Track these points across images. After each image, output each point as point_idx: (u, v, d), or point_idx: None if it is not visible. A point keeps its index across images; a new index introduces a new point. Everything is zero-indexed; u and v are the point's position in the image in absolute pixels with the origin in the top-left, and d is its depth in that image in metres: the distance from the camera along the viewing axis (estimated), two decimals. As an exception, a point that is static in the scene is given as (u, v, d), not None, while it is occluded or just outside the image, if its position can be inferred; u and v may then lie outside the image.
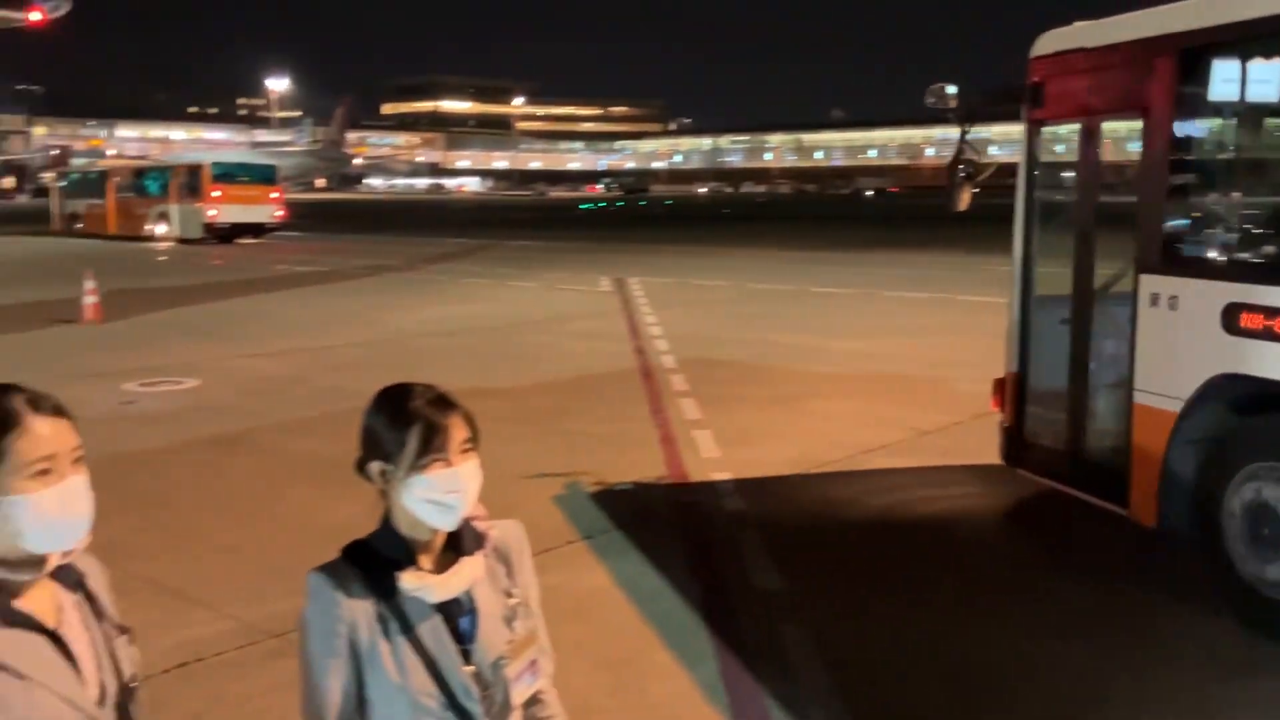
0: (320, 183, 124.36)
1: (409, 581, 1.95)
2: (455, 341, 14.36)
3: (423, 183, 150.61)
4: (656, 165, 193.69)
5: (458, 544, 2.02)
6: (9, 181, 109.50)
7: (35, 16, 20.04)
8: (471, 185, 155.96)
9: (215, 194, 34.94)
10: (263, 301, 19.10)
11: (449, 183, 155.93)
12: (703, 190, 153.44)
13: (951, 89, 7.11)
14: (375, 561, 1.97)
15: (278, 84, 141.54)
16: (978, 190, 7.34)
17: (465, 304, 18.67)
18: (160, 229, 36.24)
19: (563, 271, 24.93)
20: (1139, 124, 5.63)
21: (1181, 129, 5.66)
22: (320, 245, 35.59)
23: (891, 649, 4.86)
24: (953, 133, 7.53)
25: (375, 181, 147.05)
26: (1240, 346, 4.99)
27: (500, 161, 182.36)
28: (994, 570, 5.89)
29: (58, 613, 1.76)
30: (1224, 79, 5.46)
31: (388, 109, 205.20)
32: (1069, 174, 6.58)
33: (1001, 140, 9.60)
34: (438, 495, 1.94)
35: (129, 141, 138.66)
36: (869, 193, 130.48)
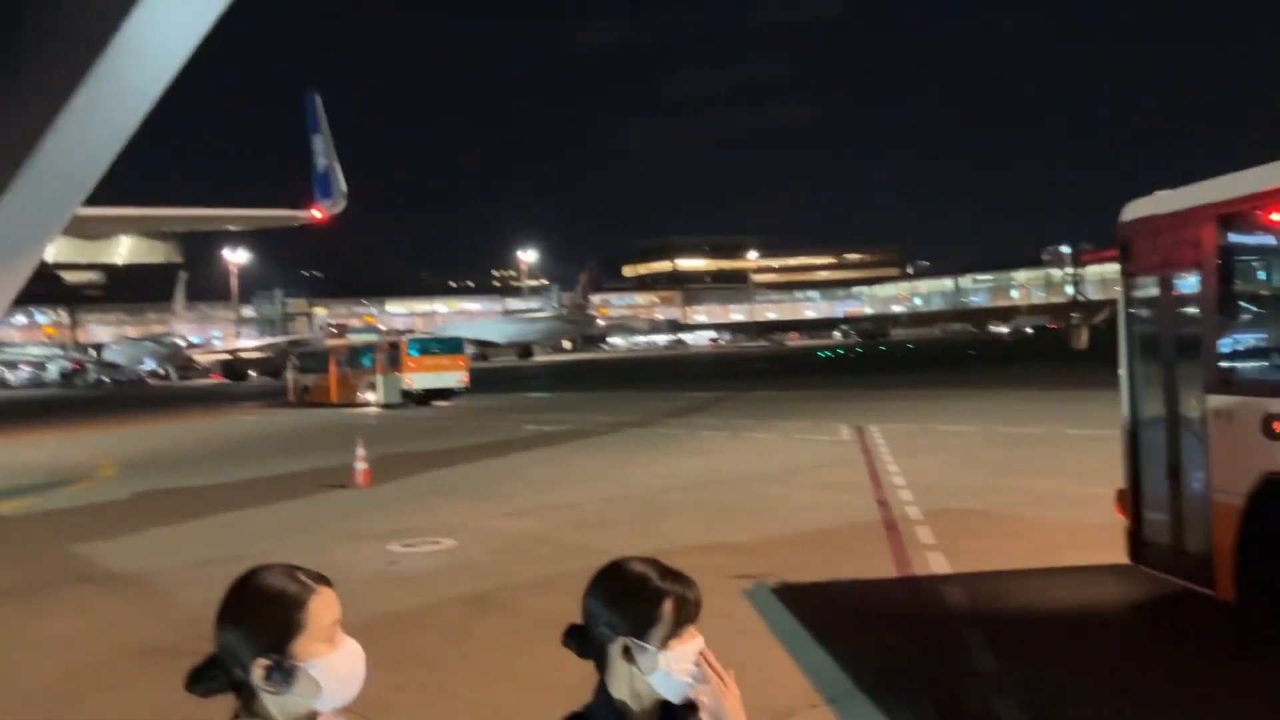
0: (567, 344, 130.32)
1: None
2: (694, 495, 14.49)
3: (664, 339, 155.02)
4: (895, 309, 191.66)
5: (670, 714, 2.06)
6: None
7: (317, 215, 22.57)
8: (702, 339, 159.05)
9: (411, 365, 40.34)
10: (514, 462, 19.98)
11: (688, 338, 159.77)
12: (940, 332, 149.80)
13: (1065, 249, 8.23)
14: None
15: (527, 255, 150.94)
16: (1093, 329, 8.08)
17: (703, 457, 18.87)
18: (370, 396, 41.14)
19: (801, 421, 24.82)
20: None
21: (1224, 279, 6.99)
22: (567, 403, 37.11)
23: None
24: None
25: (618, 340, 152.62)
26: (1276, 448, 6.26)
27: (737, 314, 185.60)
28: None
29: None
30: (1251, 236, 6.91)
31: (628, 270, 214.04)
32: (1162, 314, 7.79)
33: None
34: (685, 666, 2.01)
35: (397, 316, 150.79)
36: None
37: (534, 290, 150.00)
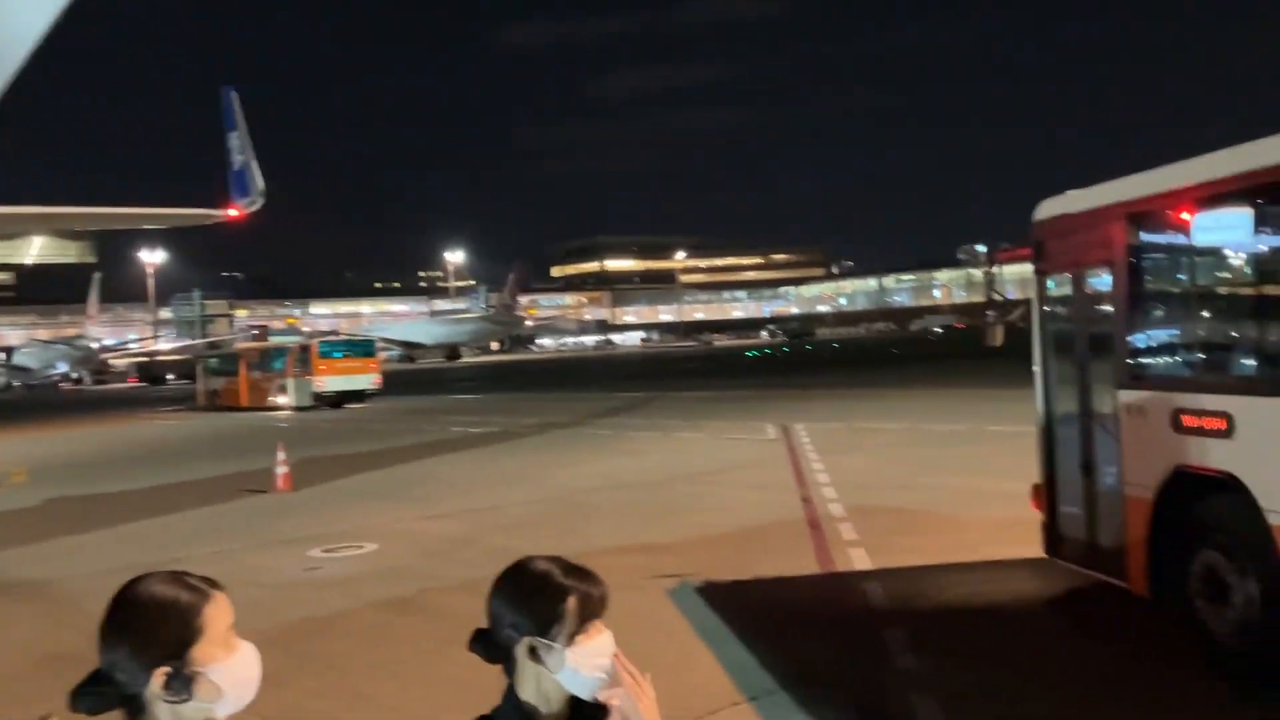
0: (495, 345, 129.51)
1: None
2: (620, 496, 14.47)
3: (593, 340, 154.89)
4: (821, 309, 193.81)
5: (581, 714, 2.04)
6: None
7: (233, 213, 22.18)
8: (632, 339, 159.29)
9: (322, 368, 40.32)
10: (439, 464, 19.79)
11: (617, 338, 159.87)
12: (865, 331, 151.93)
13: (981, 248, 8.37)
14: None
15: (454, 256, 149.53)
16: (1009, 326, 8.25)
17: (631, 457, 18.88)
18: (281, 399, 40.97)
19: (728, 420, 24.97)
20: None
21: (1134, 276, 7.10)
22: (494, 404, 36.87)
23: None
24: None
25: (546, 341, 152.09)
26: (1185, 443, 6.39)
27: (665, 315, 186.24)
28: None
29: None
30: (1159, 234, 7.06)
31: (556, 271, 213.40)
32: (1075, 311, 7.94)
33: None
34: (594, 662, 1.99)
35: (321, 318, 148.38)
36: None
37: (461, 291, 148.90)
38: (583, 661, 1.98)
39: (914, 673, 6.48)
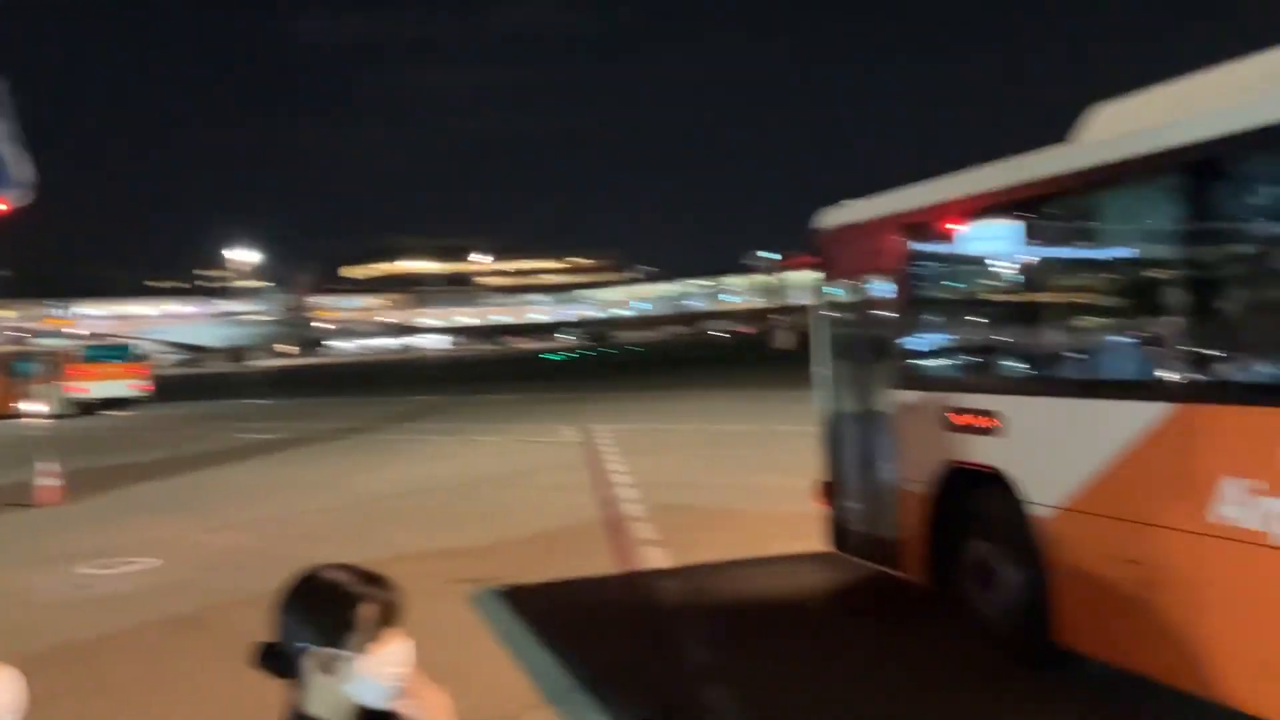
0: (287, 348, 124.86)
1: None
2: (419, 501, 14.23)
3: (395, 342, 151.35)
4: (619, 313, 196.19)
5: None
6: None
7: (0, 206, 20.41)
8: (438, 343, 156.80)
9: (79, 373, 38.35)
10: (224, 472, 18.88)
11: (419, 340, 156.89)
12: (661, 335, 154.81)
13: (767, 254, 8.80)
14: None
15: (242, 255, 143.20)
16: (791, 330, 8.73)
17: (431, 463, 18.57)
18: (34, 407, 37.68)
19: (529, 424, 24.93)
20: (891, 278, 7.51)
21: (908, 283, 7.42)
22: (285, 409, 35.50)
23: None
24: None
25: (343, 344, 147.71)
26: (955, 440, 6.75)
27: (464, 317, 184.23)
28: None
29: None
30: (932, 244, 7.28)
31: (353, 272, 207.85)
32: (853, 316, 8.32)
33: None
34: (385, 671, 1.94)
35: (93, 319, 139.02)
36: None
37: (249, 292, 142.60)
38: (374, 671, 1.94)
39: (709, 665, 6.64)
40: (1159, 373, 5.42)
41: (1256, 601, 4.75)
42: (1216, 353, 5.05)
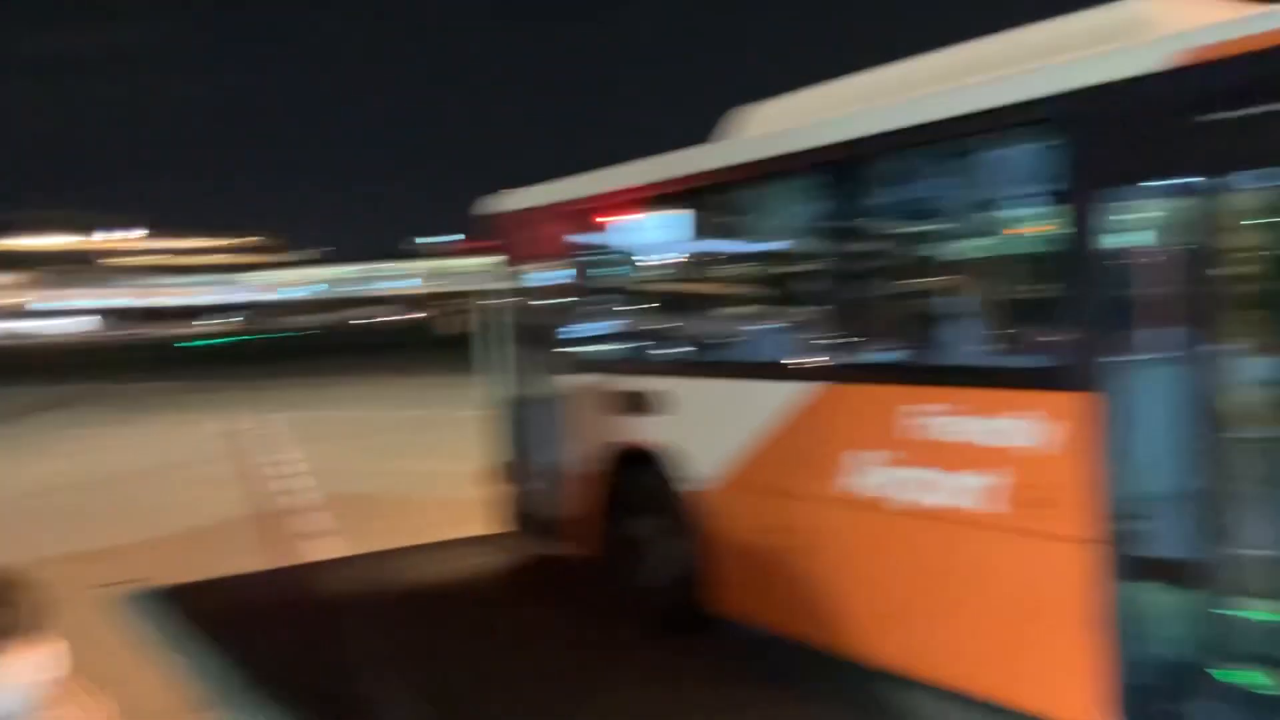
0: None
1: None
2: (49, 502, 13.08)
3: (27, 325, 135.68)
4: (282, 296, 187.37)
5: None
6: None
7: None
8: (74, 326, 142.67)
9: None
10: None
11: (48, 325, 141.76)
12: (324, 319, 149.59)
13: (435, 239, 8.90)
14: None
15: None
16: (459, 315, 8.99)
17: (67, 459, 17.05)
18: None
19: (181, 414, 23.45)
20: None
21: (573, 270, 7.80)
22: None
23: None
24: None
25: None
26: (618, 421, 7.10)
27: (99, 299, 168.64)
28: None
29: None
30: (598, 234, 7.60)
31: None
32: (526, 302, 8.47)
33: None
34: (23, 680, 1.84)
35: None
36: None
37: None
38: (12, 679, 1.85)
39: (381, 653, 6.61)
40: (794, 356, 5.99)
41: (874, 560, 5.39)
42: (842, 337, 5.67)
